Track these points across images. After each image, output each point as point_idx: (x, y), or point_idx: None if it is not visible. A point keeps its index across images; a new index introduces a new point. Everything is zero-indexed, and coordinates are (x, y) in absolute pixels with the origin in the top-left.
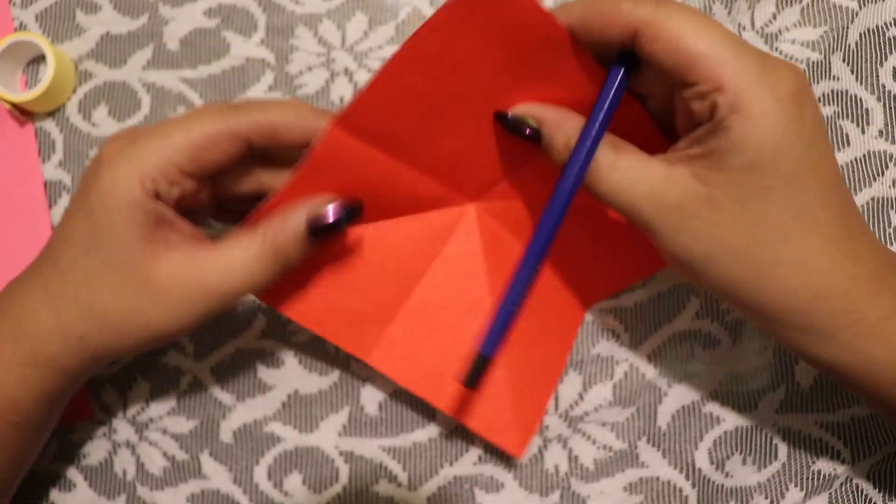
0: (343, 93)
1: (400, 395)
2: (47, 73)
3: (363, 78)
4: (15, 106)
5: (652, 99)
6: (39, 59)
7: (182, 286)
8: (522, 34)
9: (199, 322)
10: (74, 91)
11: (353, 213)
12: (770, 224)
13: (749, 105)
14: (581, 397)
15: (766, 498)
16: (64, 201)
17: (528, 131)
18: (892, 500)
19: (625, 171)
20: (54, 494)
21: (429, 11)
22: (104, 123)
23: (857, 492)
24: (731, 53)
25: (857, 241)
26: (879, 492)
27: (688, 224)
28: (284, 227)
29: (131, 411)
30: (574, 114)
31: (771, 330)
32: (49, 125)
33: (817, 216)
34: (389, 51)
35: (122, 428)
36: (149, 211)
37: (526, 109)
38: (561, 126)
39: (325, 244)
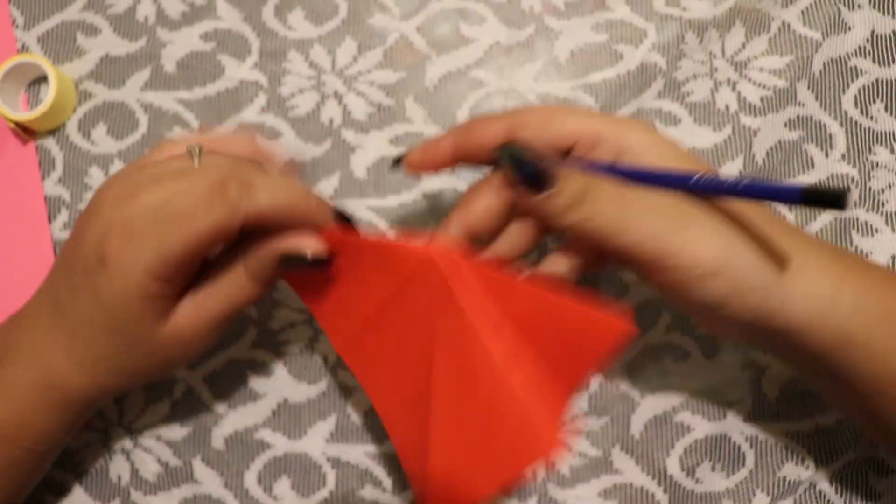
0: (332, 115)
1: None
2: (49, 94)
3: (352, 101)
4: (18, 125)
5: None
6: (41, 79)
7: (196, 327)
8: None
9: (214, 341)
10: (75, 110)
11: (319, 262)
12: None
13: (630, 144)
14: None
15: (735, 503)
16: (63, 216)
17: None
18: None
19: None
20: (51, 500)
21: (415, 38)
22: (103, 142)
23: (821, 497)
24: (584, 114)
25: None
26: (841, 496)
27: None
28: (261, 259)
29: (126, 419)
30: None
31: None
32: (50, 143)
33: (765, 218)
34: (378, 74)
35: (118, 435)
36: (161, 293)
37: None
38: (570, 175)
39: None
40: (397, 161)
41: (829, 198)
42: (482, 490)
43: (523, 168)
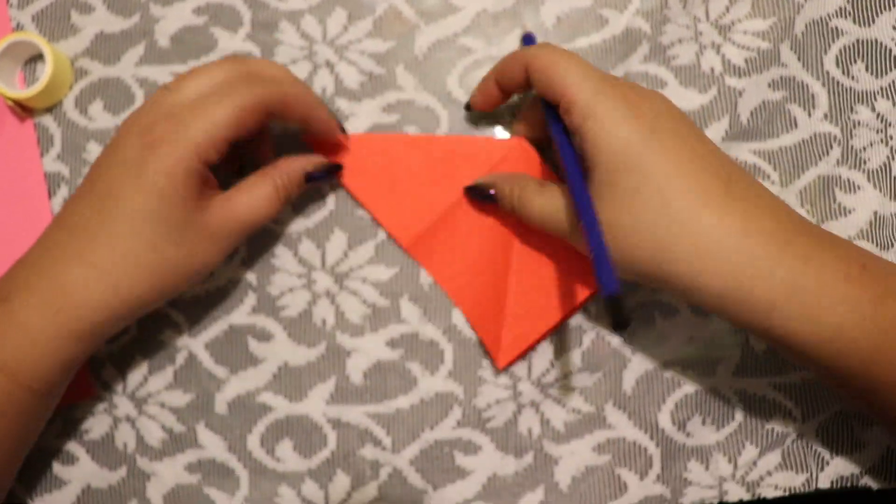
0: (325, 83)
1: (383, 364)
2: (46, 71)
3: (343, 69)
4: (15, 103)
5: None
6: (37, 57)
7: (224, 225)
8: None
9: (233, 249)
10: (71, 87)
11: (333, 169)
12: (648, 199)
13: (595, 111)
14: (552, 364)
15: (725, 455)
16: (63, 192)
17: (490, 192)
18: (837, 455)
19: (543, 202)
20: (58, 468)
21: (404, 7)
22: (100, 118)
23: (808, 448)
24: (580, 76)
25: (744, 201)
26: (827, 447)
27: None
28: (289, 175)
29: (130, 387)
30: (515, 174)
31: (688, 298)
32: (47, 120)
33: (687, 185)
34: (368, 44)
35: (122, 403)
36: (200, 175)
37: (481, 180)
38: (507, 182)
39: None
40: (468, 106)
41: (615, 319)
42: (545, 326)
43: (480, 196)
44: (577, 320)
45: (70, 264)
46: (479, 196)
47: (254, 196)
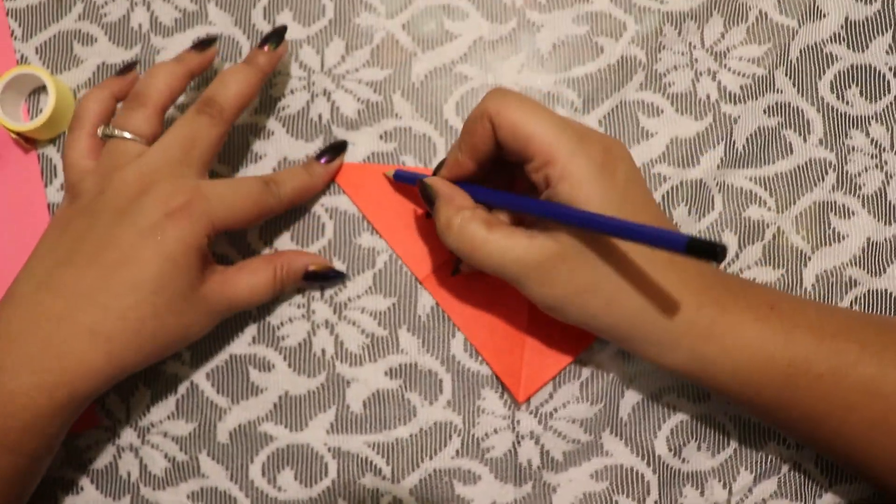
0: (321, 111)
1: (382, 394)
2: (48, 104)
3: (341, 98)
4: (19, 135)
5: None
6: (41, 89)
7: (221, 300)
8: None
9: (220, 321)
10: None
11: (334, 275)
12: (608, 262)
13: (572, 173)
14: (550, 396)
15: (720, 481)
16: None
17: (431, 198)
18: (835, 484)
19: (495, 243)
20: (62, 498)
21: (401, 35)
22: None
23: (805, 475)
24: (556, 133)
25: (682, 262)
26: (824, 476)
27: (547, 276)
28: (291, 268)
29: (134, 417)
30: (461, 193)
31: (631, 348)
32: (51, 151)
33: (643, 249)
34: (366, 73)
35: (126, 433)
36: (205, 251)
37: (433, 181)
38: (449, 203)
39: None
40: (428, 200)
41: (709, 250)
42: (565, 360)
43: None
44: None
45: (77, 337)
46: (422, 196)
47: (254, 280)
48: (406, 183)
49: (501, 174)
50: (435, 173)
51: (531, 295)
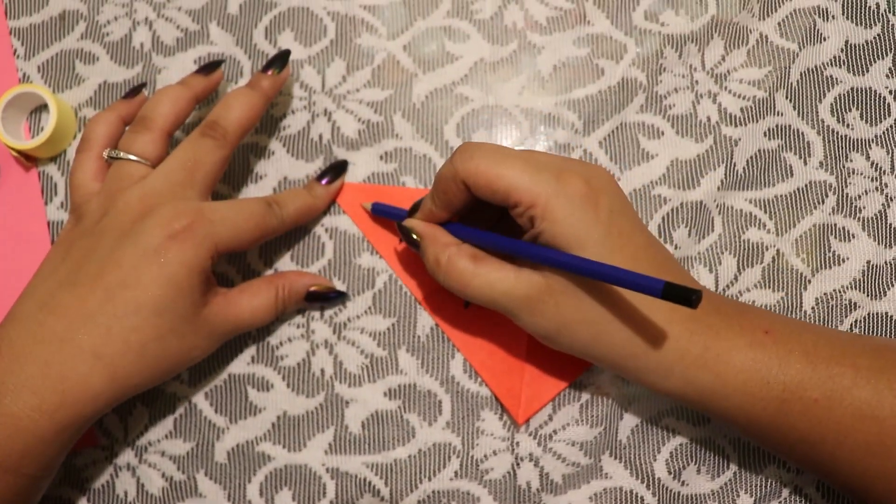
0: (322, 131)
1: (381, 414)
2: (49, 122)
3: (341, 118)
4: (20, 153)
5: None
6: (42, 107)
7: (223, 322)
8: None
9: (222, 343)
10: (75, 137)
11: (337, 296)
12: (594, 296)
13: (553, 212)
14: (550, 418)
15: None
16: None
17: (413, 239)
18: None
19: (483, 276)
20: None
21: (402, 56)
22: None
23: (806, 500)
24: (532, 178)
25: None
26: (826, 499)
27: (536, 308)
28: (293, 290)
29: (131, 436)
30: (443, 231)
31: (625, 375)
32: (51, 169)
33: None
34: (366, 93)
35: (124, 452)
36: (208, 273)
37: (412, 223)
38: (434, 242)
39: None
40: (411, 241)
41: (684, 296)
42: (564, 383)
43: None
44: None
45: (78, 360)
46: (405, 238)
47: (256, 302)
48: (384, 217)
49: (483, 213)
50: (411, 213)
51: (523, 325)
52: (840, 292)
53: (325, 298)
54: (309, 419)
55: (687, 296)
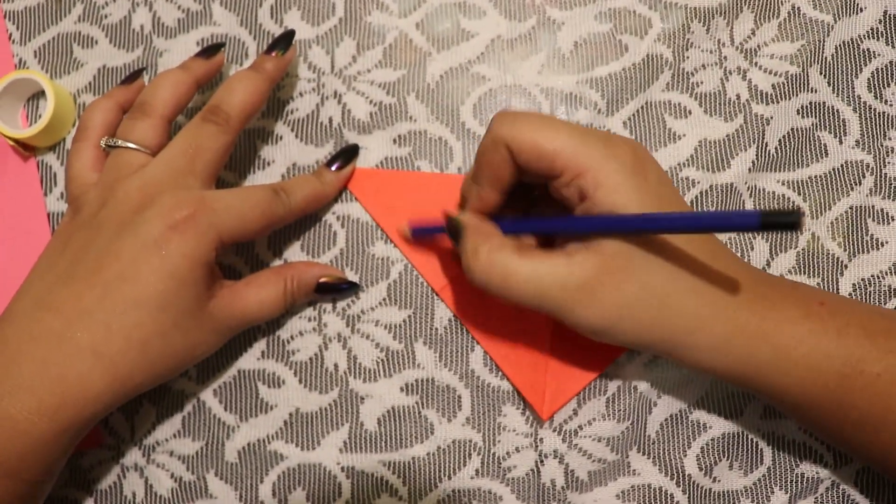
0: (332, 114)
1: (398, 411)
2: (47, 110)
3: (352, 100)
4: (17, 141)
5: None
6: (40, 94)
7: (230, 316)
8: None
9: (230, 338)
10: (74, 124)
11: (348, 286)
12: (654, 269)
13: (606, 180)
14: (575, 412)
15: (753, 502)
16: None
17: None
18: None
19: (530, 270)
20: None
21: (415, 35)
22: None
23: (843, 496)
24: (581, 143)
25: (725, 261)
26: (865, 495)
27: (593, 296)
28: (302, 281)
29: (139, 435)
30: (488, 223)
31: (680, 356)
32: (50, 158)
33: (683, 250)
34: (378, 74)
35: (131, 451)
36: (213, 265)
37: (460, 215)
38: (476, 232)
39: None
40: (455, 234)
41: (786, 221)
42: (590, 376)
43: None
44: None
45: (76, 358)
46: (449, 230)
47: (263, 294)
48: (426, 235)
49: (518, 200)
50: (458, 233)
51: (577, 322)
52: (879, 278)
53: (337, 290)
54: (322, 416)
55: (789, 219)
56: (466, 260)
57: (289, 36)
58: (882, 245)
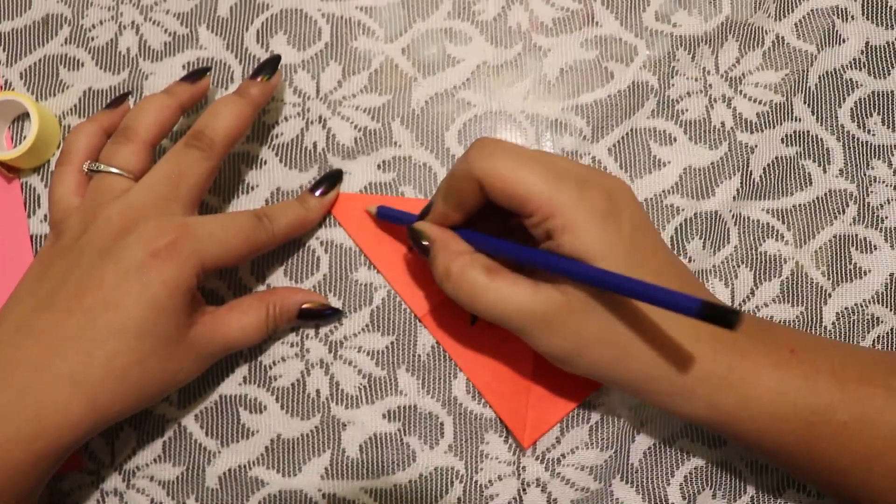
0: (316, 139)
1: (380, 438)
2: (31, 132)
3: (336, 125)
4: (1, 163)
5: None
6: (24, 115)
7: (211, 342)
8: None
9: (211, 364)
10: (59, 147)
11: (331, 313)
12: (617, 315)
13: (574, 225)
14: (558, 441)
15: None
16: None
17: (423, 244)
18: None
19: (497, 291)
20: None
21: (401, 60)
22: None
23: None
24: (554, 186)
25: None
26: None
27: (553, 327)
28: (284, 307)
29: (118, 460)
30: (457, 238)
31: (644, 399)
32: (34, 180)
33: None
34: (363, 99)
35: (111, 476)
36: (194, 292)
37: (423, 227)
38: (445, 249)
39: (304, 325)
40: (421, 247)
41: (723, 317)
42: (571, 405)
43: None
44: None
45: (55, 387)
46: (414, 242)
47: (245, 321)
48: (390, 222)
49: (493, 213)
50: (422, 217)
51: (536, 346)
52: (862, 307)
53: (320, 316)
54: (304, 442)
55: (727, 318)
56: (438, 275)
57: (274, 61)
58: (865, 274)
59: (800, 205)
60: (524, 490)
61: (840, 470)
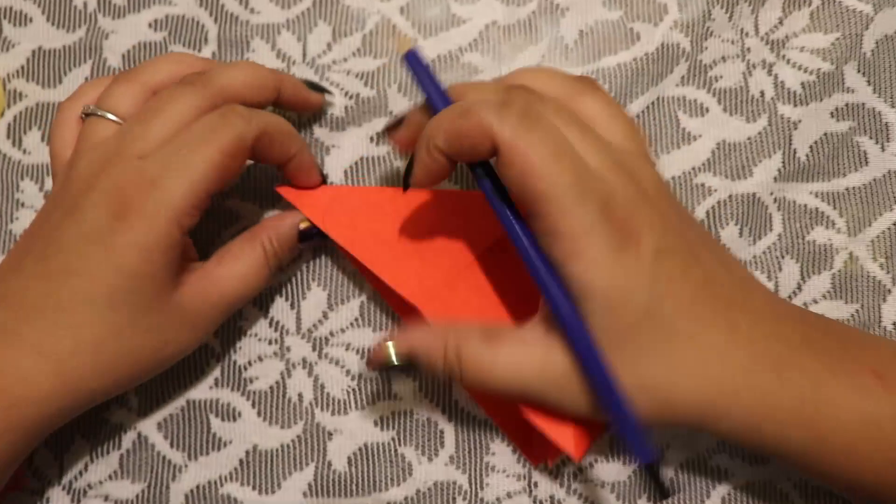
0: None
1: (371, 448)
2: None
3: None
4: None
5: None
6: None
7: (203, 305)
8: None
9: (212, 332)
10: (2, 114)
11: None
12: (652, 354)
13: (583, 252)
14: None
15: None
16: None
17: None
18: None
19: (506, 361)
20: None
21: (399, 19)
22: (37, 150)
23: None
24: (572, 203)
25: (748, 328)
26: None
27: (579, 384)
28: (280, 236)
29: (68, 476)
30: (429, 334)
31: (703, 431)
32: None
33: (691, 331)
34: (355, 63)
35: (57, 497)
36: (179, 246)
37: (399, 343)
38: (432, 333)
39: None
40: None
41: (657, 487)
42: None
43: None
44: None
45: (19, 354)
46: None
47: (239, 267)
48: (416, 78)
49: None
50: (391, 129)
51: (566, 409)
52: None
53: (323, 233)
54: (284, 454)
55: (661, 489)
56: (445, 372)
57: (320, 89)
58: None
59: (854, 187)
60: None
61: None
